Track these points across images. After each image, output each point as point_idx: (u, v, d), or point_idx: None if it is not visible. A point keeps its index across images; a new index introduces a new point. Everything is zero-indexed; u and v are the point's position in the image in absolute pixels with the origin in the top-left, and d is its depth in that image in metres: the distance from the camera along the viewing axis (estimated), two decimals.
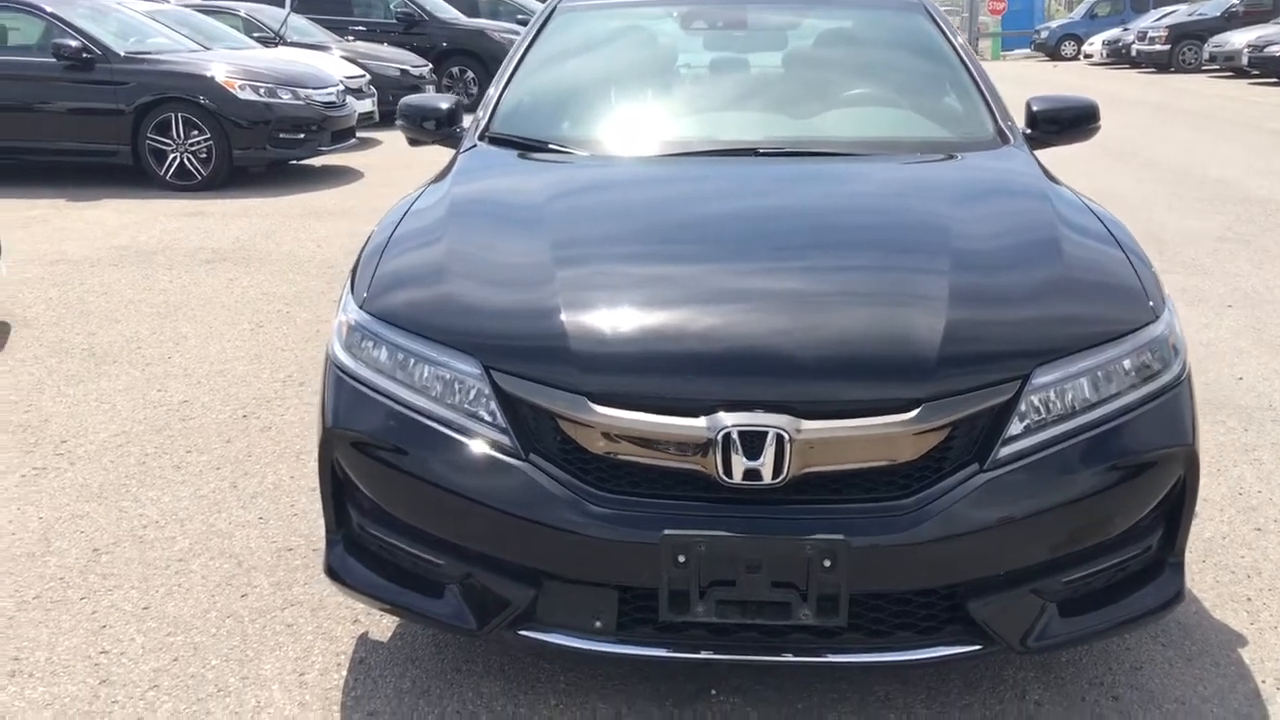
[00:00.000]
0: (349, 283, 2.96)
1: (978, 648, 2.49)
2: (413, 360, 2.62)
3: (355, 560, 2.74)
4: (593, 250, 2.91)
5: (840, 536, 2.33)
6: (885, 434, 2.39)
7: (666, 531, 2.34)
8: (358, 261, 3.02)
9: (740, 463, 2.36)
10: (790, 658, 2.47)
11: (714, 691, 2.85)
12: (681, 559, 2.35)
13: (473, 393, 2.53)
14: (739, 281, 2.75)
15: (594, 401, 2.42)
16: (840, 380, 2.44)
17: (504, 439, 2.48)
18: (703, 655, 2.49)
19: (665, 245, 2.95)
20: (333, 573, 2.75)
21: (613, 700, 2.82)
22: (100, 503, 3.91)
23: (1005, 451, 2.43)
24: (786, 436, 2.35)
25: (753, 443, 2.37)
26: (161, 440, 4.46)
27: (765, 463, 2.36)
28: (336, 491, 2.73)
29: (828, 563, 2.34)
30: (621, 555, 2.40)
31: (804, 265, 2.81)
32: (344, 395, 2.70)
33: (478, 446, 2.49)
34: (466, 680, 2.91)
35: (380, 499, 2.65)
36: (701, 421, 2.38)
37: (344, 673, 2.94)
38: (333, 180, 10.89)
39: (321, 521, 2.77)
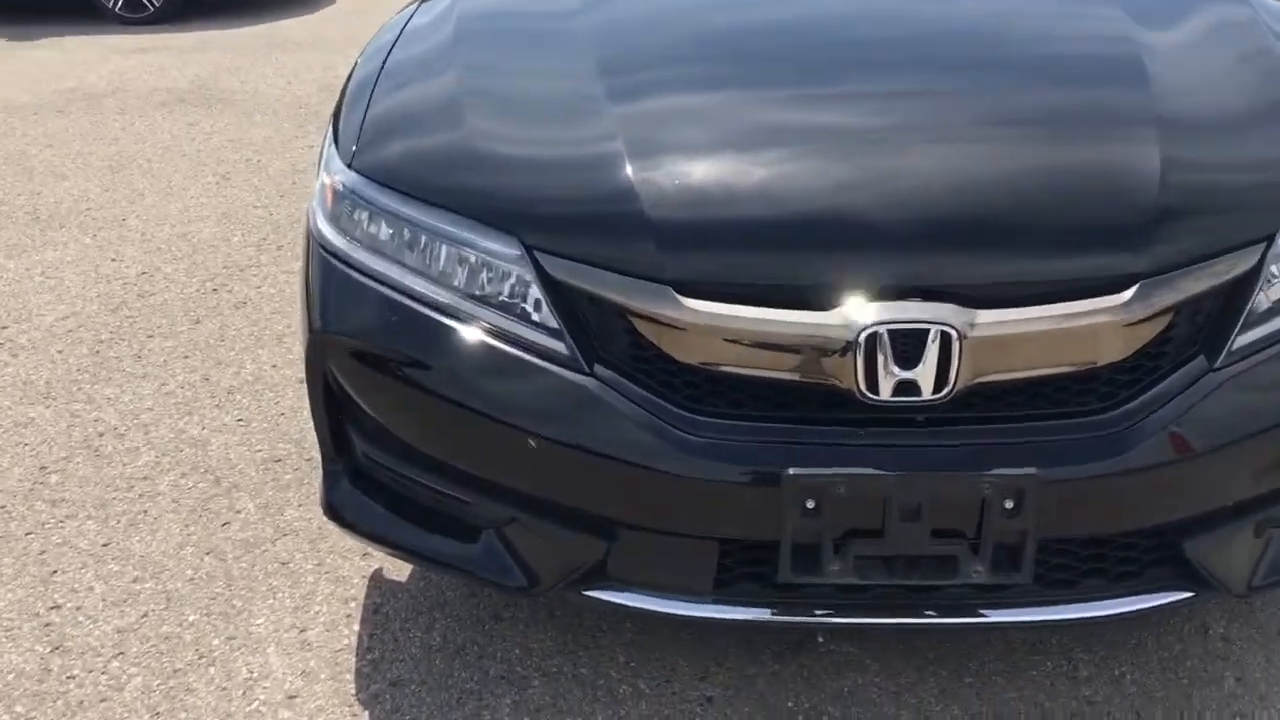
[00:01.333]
0: (330, 133, 2.25)
1: (1188, 595, 1.90)
2: (424, 237, 1.93)
3: (363, 495, 2.11)
4: (658, 74, 2.18)
5: (1030, 470, 1.69)
6: (1089, 325, 1.73)
7: (792, 470, 1.71)
8: (340, 104, 2.30)
9: (890, 373, 1.71)
10: (937, 619, 1.87)
11: (821, 639, 2.28)
12: (811, 505, 1.73)
13: (510, 282, 1.86)
14: (869, 115, 2.03)
15: (682, 292, 1.75)
16: (1025, 252, 1.77)
17: (557, 345, 1.82)
18: (820, 619, 1.89)
19: (758, 65, 2.20)
20: (334, 512, 2.13)
21: (697, 657, 2.25)
22: (48, 405, 3.27)
23: (1243, 341, 1.78)
24: (954, 334, 1.69)
25: (906, 344, 1.71)
26: (118, 323, 3.78)
27: (924, 372, 1.71)
28: (333, 411, 2.08)
29: (1010, 504, 1.71)
30: (727, 500, 1.77)
31: (954, 90, 2.08)
32: (334, 286, 2.02)
33: (523, 356, 1.83)
34: (510, 632, 2.33)
35: (391, 423, 2.00)
36: (834, 317, 1.72)
37: (356, 627, 2.36)
38: (299, 7, 9.87)
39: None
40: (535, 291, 1.84)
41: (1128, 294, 1.72)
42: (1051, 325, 1.72)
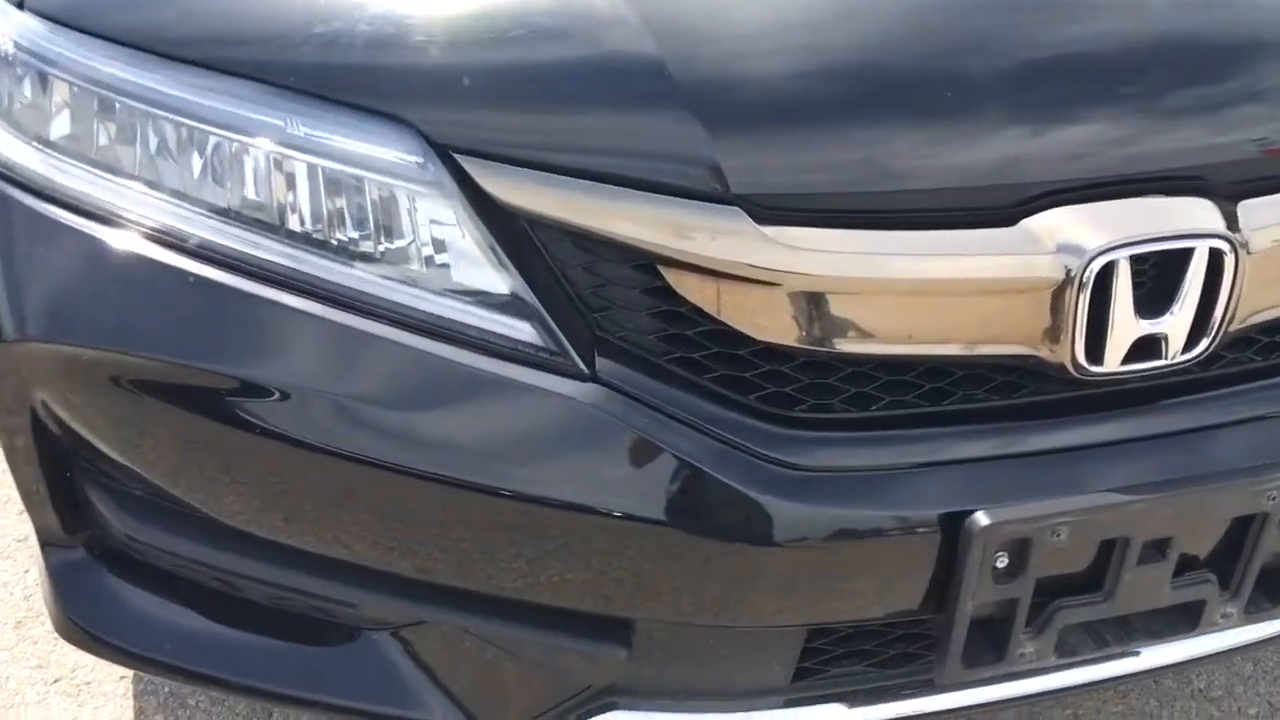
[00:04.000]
0: None
1: None
2: (210, 137, 1.00)
3: (130, 589, 1.20)
4: None
5: None
6: None
7: (983, 517, 0.97)
8: None
9: (1132, 326, 1.00)
10: (1100, 671, 1.22)
11: None
12: (1003, 563, 1.01)
13: (405, 215, 0.98)
14: None
15: (762, 217, 0.94)
16: None
17: (518, 329, 0.98)
18: (942, 704, 1.20)
19: None
20: (75, 628, 1.21)
21: None
22: None
23: None
24: (1229, 249, 0.99)
25: (1149, 276, 1.00)
26: None
27: (1179, 319, 1.01)
28: (56, 466, 1.13)
29: None
30: (853, 572, 1.03)
31: None
32: (34, 247, 1.05)
33: (447, 354, 0.98)
34: None
35: (186, 489, 1.09)
36: (1038, 237, 0.97)
37: None
38: None
39: None
40: (461, 230, 0.97)
41: None
42: None
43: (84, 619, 1.20)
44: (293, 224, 1.00)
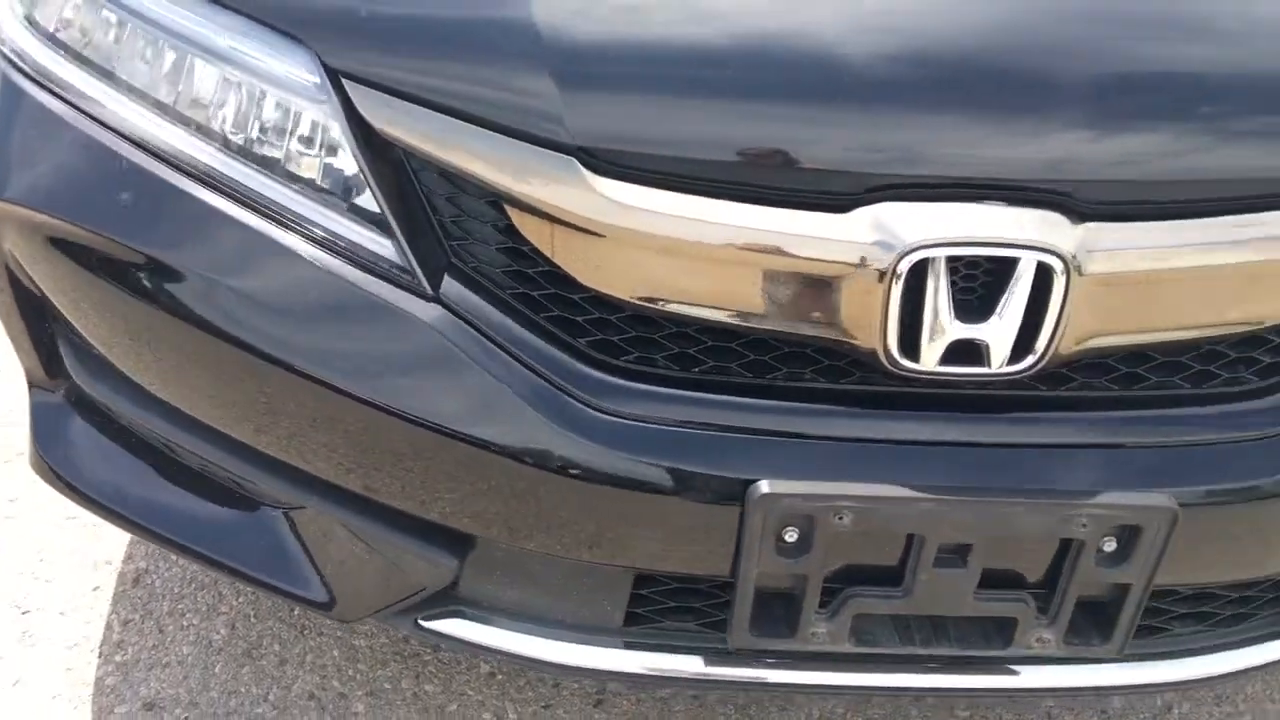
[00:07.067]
0: None
1: None
2: (150, 42, 1.14)
3: (93, 437, 1.37)
4: None
5: (1163, 500, 1.03)
6: (1271, 256, 1.04)
7: (764, 486, 1.02)
8: None
9: (943, 327, 1.01)
10: (935, 680, 1.21)
11: None
12: (792, 537, 1.04)
13: (299, 129, 1.10)
14: None
15: (595, 168, 1.01)
16: (1190, 129, 1.03)
17: (379, 244, 1.08)
18: (785, 677, 1.22)
19: None
20: (44, 466, 1.38)
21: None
22: None
23: None
24: (1061, 266, 0.99)
25: (976, 280, 1.02)
26: None
27: (1001, 328, 1.02)
28: (31, 311, 1.31)
29: (1112, 545, 1.06)
30: (651, 518, 1.08)
31: None
32: (18, 119, 1.22)
33: (316, 258, 1.09)
34: (329, 626, 1.64)
35: (107, 346, 1.25)
36: (857, 226, 1.00)
37: (103, 607, 1.64)
38: None
39: None
40: (343, 149, 1.08)
41: None
42: (1221, 253, 1.02)
43: (52, 459, 1.38)
44: (220, 124, 1.12)
